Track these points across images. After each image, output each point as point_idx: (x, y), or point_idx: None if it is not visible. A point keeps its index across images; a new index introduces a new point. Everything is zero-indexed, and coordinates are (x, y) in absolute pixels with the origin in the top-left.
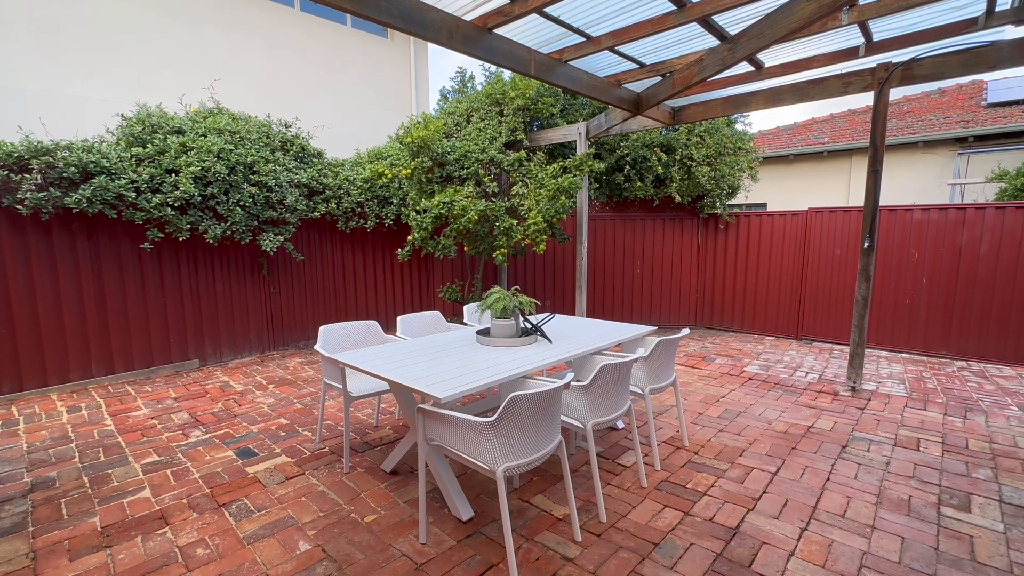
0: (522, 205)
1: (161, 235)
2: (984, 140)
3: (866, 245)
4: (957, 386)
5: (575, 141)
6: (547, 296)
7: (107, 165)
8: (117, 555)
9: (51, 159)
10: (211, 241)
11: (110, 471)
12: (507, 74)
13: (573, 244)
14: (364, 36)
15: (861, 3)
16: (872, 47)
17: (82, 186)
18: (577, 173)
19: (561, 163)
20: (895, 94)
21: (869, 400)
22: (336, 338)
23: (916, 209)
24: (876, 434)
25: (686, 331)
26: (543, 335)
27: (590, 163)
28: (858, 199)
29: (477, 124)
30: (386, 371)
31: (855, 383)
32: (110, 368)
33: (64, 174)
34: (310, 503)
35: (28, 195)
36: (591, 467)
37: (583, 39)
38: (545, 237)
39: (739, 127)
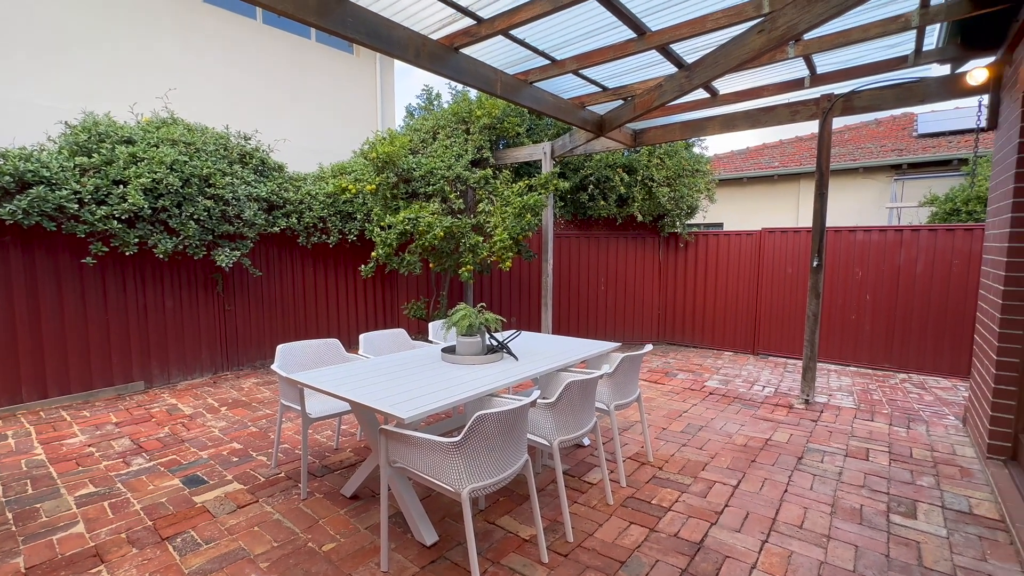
0: (488, 222)
1: (106, 249)
2: (916, 167)
3: (815, 264)
4: (900, 397)
5: (540, 160)
6: (513, 313)
7: (47, 175)
8: None
9: None
10: (161, 256)
11: (38, 505)
12: (473, 93)
13: (539, 261)
14: (329, 51)
15: (806, 38)
16: (816, 79)
17: (17, 196)
18: (542, 191)
19: (527, 181)
20: (837, 123)
21: (821, 412)
22: (295, 357)
23: (859, 230)
24: (829, 445)
25: (649, 347)
26: (509, 352)
27: (555, 182)
28: (807, 220)
29: (443, 141)
30: (347, 391)
31: (808, 396)
32: (43, 392)
33: None
34: (263, 533)
35: None
36: (558, 486)
37: (548, 62)
38: (511, 254)
39: (696, 150)
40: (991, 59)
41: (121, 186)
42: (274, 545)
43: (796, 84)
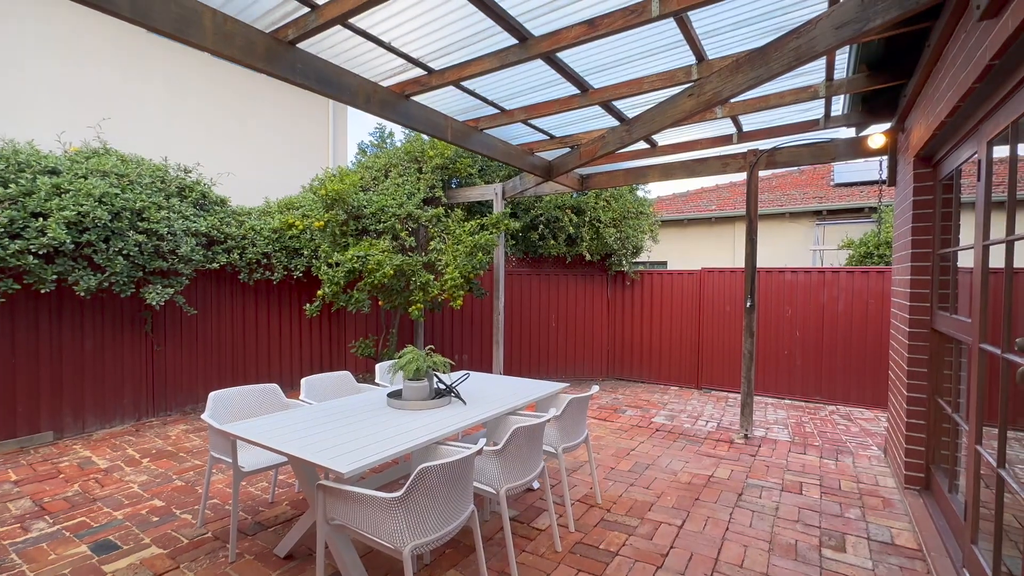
0: (439, 260)
1: (17, 287)
2: (835, 213)
3: (748, 305)
4: (830, 429)
5: (492, 200)
6: (465, 350)
7: None
8: None
9: None
10: (83, 294)
11: None
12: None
13: (491, 299)
14: (280, 85)
15: (731, 101)
16: (743, 136)
17: None
18: (494, 231)
19: (479, 220)
20: (765, 172)
21: (759, 447)
22: (228, 405)
23: (788, 271)
24: (766, 480)
25: (596, 389)
26: (457, 396)
27: (506, 222)
28: (742, 260)
29: (395, 179)
30: (283, 443)
31: (747, 431)
32: None
33: None
34: None
35: None
36: (505, 535)
37: (498, 111)
38: (462, 292)
39: (640, 193)
40: (888, 125)
41: (41, 219)
42: None
43: (726, 139)
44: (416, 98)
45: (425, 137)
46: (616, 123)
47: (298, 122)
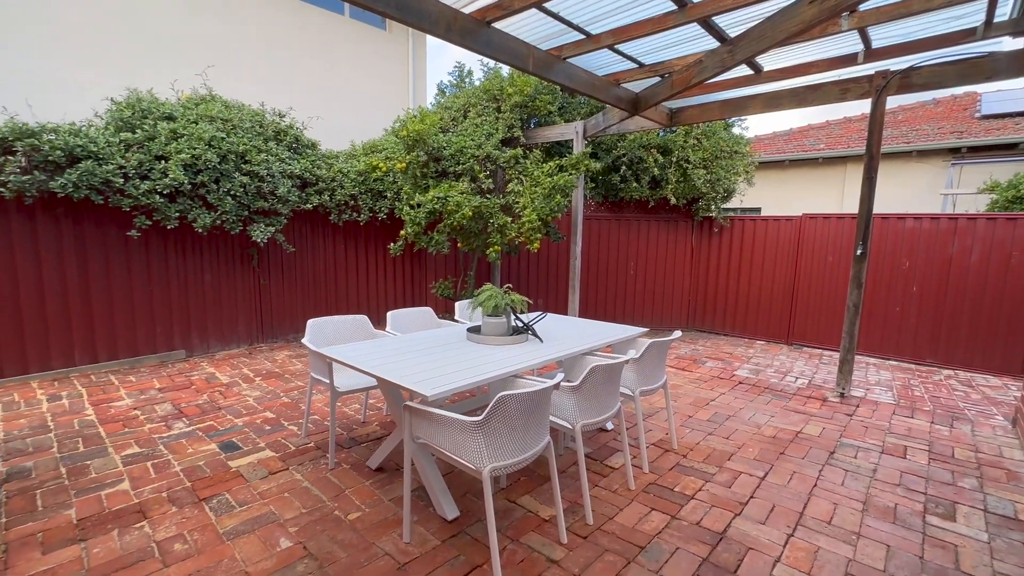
0: (517, 203)
1: (149, 223)
2: (977, 151)
3: (859, 252)
4: (944, 395)
5: (572, 140)
6: (540, 295)
7: (94, 150)
8: (92, 549)
9: (36, 142)
10: (200, 230)
11: (88, 462)
12: (505, 70)
13: (567, 243)
14: (362, 27)
15: (861, 9)
16: (871, 54)
17: (68, 170)
18: (573, 172)
19: (557, 161)
20: (891, 103)
21: (857, 407)
22: (324, 332)
23: (909, 218)
24: (864, 441)
25: (678, 334)
26: (534, 334)
27: (586, 162)
28: (852, 206)
29: (474, 119)
30: (373, 367)
31: (844, 389)
32: (93, 357)
33: (49, 157)
34: (293, 499)
35: (11, 178)
36: (579, 468)
37: (582, 36)
38: (539, 235)
39: (736, 131)
40: None
41: (162, 161)
42: (302, 511)
43: (848, 60)
44: (497, 24)
45: (504, 73)
46: (715, 44)
47: (379, 64)
